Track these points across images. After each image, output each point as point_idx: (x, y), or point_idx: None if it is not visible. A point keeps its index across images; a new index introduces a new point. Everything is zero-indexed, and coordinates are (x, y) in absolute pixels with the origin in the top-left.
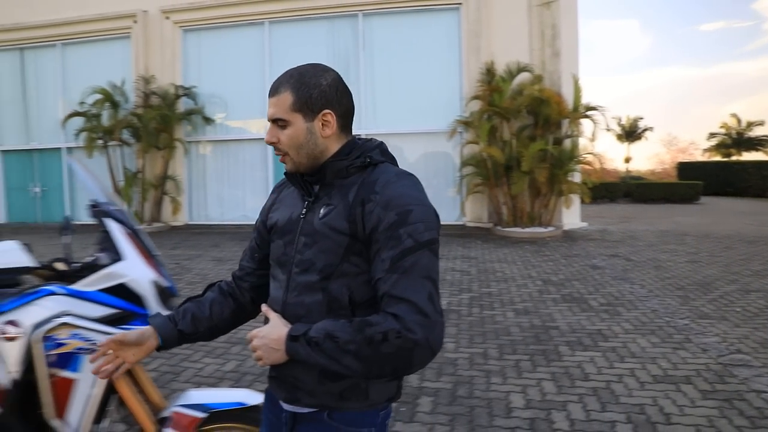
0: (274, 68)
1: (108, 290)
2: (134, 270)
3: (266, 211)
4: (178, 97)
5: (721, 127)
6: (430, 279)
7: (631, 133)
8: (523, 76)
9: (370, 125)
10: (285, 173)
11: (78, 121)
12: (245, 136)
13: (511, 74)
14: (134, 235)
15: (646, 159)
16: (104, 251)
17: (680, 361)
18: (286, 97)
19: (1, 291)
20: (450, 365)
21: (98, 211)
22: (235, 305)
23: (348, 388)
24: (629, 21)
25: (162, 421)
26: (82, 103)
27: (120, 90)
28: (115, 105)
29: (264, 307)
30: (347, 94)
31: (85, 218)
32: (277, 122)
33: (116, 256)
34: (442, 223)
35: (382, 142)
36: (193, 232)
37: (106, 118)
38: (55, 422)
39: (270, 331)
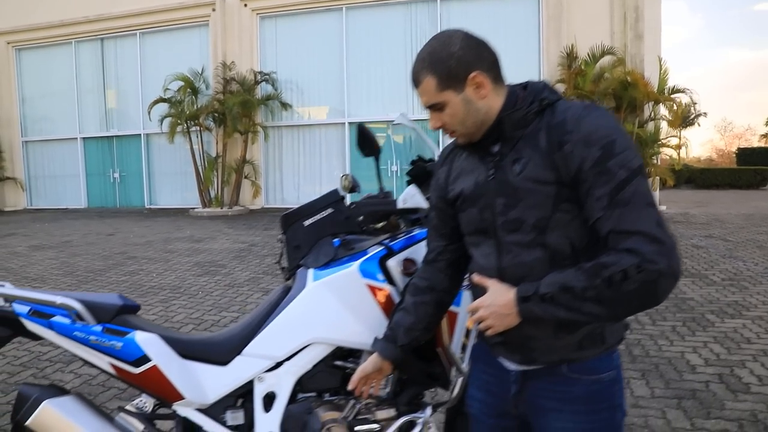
0: (351, 54)
1: None
2: None
3: (443, 186)
4: (257, 82)
5: None
6: (652, 204)
7: (683, 119)
8: (604, 60)
9: None
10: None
11: (159, 108)
12: (321, 121)
13: (595, 58)
14: None
15: (699, 145)
16: None
17: None
18: (429, 82)
19: (354, 237)
20: None
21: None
22: (436, 296)
23: (586, 337)
24: (676, 2)
25: None
26: (166, 89)
27: (201, 77)
28: (195, 91)
29: (476, 278)
30: (484, 45)
31: (163, 203)
32: (433, 107)
33: None
34: None
35: (545, 81)
36: (274, 214)
37: (186, 105)
38: (441, 350)
39: (495, 298)
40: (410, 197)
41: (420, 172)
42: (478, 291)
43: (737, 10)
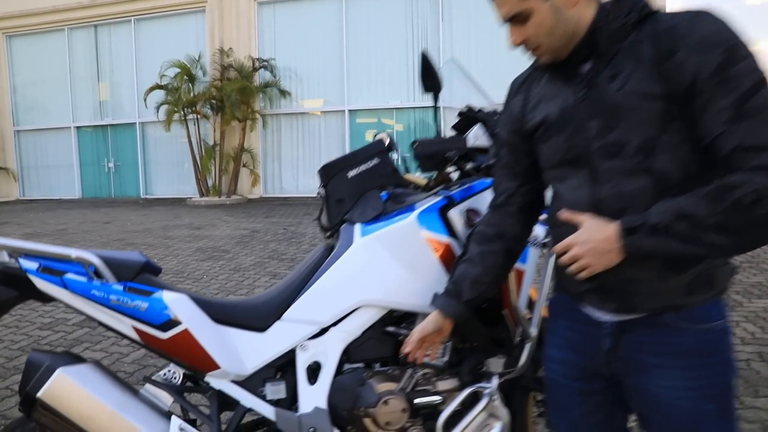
0: (351, 41)
1: None
2: None
3: (518, 117)
4: (255, 69)
5: None
6: None
7: None
8: None
9: None
10: (536, 66)
11: (155, 96)
12: (320, 108)
13: None
14: None
15: None
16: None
17: None
18: None
19: (403, 191)
20: None
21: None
22: (506, 244)
23: (695, 279)
24: None
25: None
26: (162, 76)
27: (198, 63)
28: (192, 78)
29: (566, 214)
30: None
31: (158, 193)
32: (515, 19)
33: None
34: None
35: None
36: (273, 203)
37: (183, 92)
38: (507, 312)
39: (593, 233)
40: (480, 136)
41: (469, 123)
42: (564, 230)
43: (730, 4)
